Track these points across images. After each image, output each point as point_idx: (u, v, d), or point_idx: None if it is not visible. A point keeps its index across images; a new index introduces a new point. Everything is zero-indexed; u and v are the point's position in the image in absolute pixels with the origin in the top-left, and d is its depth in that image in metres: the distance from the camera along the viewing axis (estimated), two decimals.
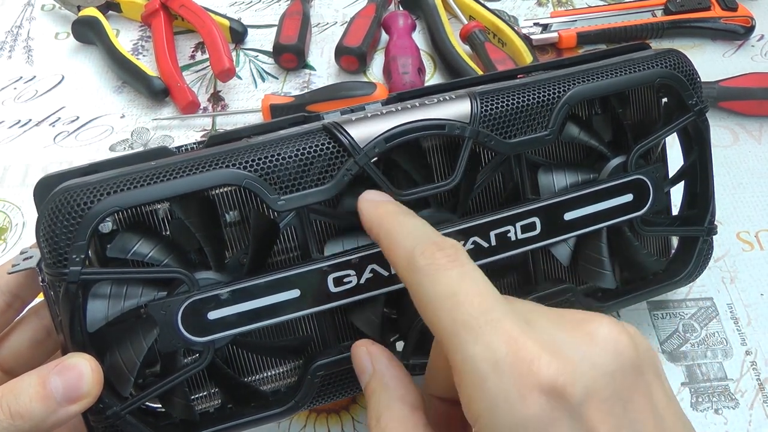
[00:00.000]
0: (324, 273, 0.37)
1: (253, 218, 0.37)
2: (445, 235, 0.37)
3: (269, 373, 0.42)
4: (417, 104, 0.39)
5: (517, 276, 0.44)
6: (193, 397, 0.40)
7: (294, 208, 0.37)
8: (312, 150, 0.37)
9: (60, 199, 0.34)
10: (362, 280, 0.38)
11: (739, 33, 0.71)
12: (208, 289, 0.36)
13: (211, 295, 0.36)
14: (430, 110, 0.39)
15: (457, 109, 0.39)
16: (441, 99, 0.39)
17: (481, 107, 0.39)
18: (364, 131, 0.37)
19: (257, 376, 0.42)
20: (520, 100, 0.40)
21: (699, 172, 0.46)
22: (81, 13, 0.73)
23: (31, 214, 0.60)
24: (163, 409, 0.38)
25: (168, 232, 0.38)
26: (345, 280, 0.38)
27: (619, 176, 0.42)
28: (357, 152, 0.37)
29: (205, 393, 0.41)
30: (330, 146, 0.37)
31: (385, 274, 0.38)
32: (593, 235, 0.43)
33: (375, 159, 0.38)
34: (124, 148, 0.64)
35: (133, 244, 0.36)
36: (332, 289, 0.38)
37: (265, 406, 0.39)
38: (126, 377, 0.35)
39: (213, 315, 0.36)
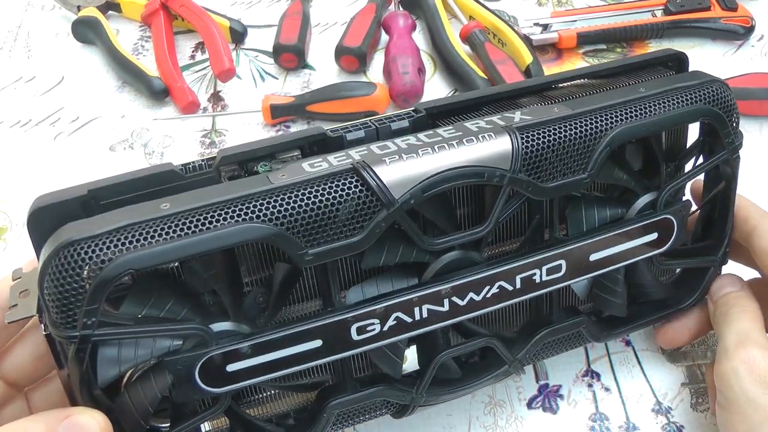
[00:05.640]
0: (348, 323, 0.36)
1: (278, 270, 0.36)
2: (473, 281, 0.37)
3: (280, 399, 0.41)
4: (454, 143, 0.35)
5: (530, 308, 0.44)
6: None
7: (321, 263, 0.34)
8: (340, 196, 0.33)
9: (66, 256, 0.30)
10: (385, 328, 0.37)
11: (739, 33, 0.71)
12: (227, 342, 0.34)
13: (232, 350, 0.34)
14: (468, 150, 0.35)
15: (496, 148, 0.36)
16: (479, 135, 0.36)
17: (522, 146, 0.36)
18: (397, 175, 0.34)
19: (266, 394, 0.41)
20: (560, 138, 0.37)
21: (720, 205, 0.44)
22: (81, 13, 0.73)
23: None
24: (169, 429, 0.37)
25: (182, 277, 0.36)
26: (368, 328, 0.36)
27: (647, 216, 0.41)
28: (391, 204, 0.34)
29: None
30: (360, 191, 0.33)
31: (409, 320, 0.37)
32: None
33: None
34: (124, 148, 0.64)
35: (147, 302, 0.33)
36: (355, 337, 0.36)
37: None
38: (137, 424, 0.34)
39: (232, 367, 0.34)
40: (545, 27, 0.72)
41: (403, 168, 0.34)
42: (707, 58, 0.70)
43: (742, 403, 0.37)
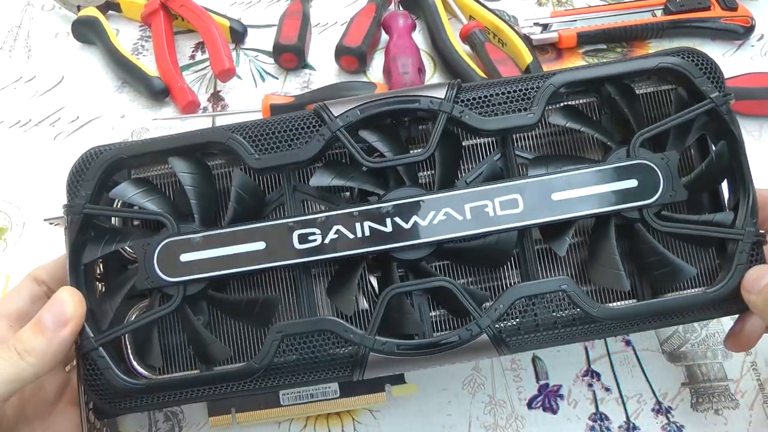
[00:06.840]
0: (289, 229, 0.40)
1: (235, 176, 0.41)
2: (415, 202, 0.39)
3: None
4: (401, 90, 0.42)
5: (520, 270, 0.42)
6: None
7: (269, 167, 0.41)
8: (299, 126, 0.41)
9: (85, 155, 0.42)
10: (326, 240, 0.39)
11: (739, 33, 0.71)
12: (183, 233, 0.40)
13: (185, 238, 0.40)
14: (408, 91, 0.41)
15: (435, 92, 0.41)
16: (421, 89, 0.42)
17: (458, 92, 0.41)
18: (344, 108, 0.41)
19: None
20: (502, 89, 0.41)
21: (735, 168, 0.41)
22: (81, 13, 0.73)
23: (31, 214, 0.60)
24: (146, 372, 0.42)
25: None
26: (310, 237, 0.39)
27: (617, 160, 0.40)
28: (330, 120, 0.41)
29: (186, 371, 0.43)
30: (314, 123, 0.41)
31: (350, 236, 0.39)
32: (601, 231, 0.40)
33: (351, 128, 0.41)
34: None
35: (133, 192, 0.41)
36: (296, 245, 0.39)
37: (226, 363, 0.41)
38: (107, 314, 0.40)
39: (185, 257, 0.40)
40: (545, 27, 0.72)
41: (351, 103, 0.41)
42: None
43: None
